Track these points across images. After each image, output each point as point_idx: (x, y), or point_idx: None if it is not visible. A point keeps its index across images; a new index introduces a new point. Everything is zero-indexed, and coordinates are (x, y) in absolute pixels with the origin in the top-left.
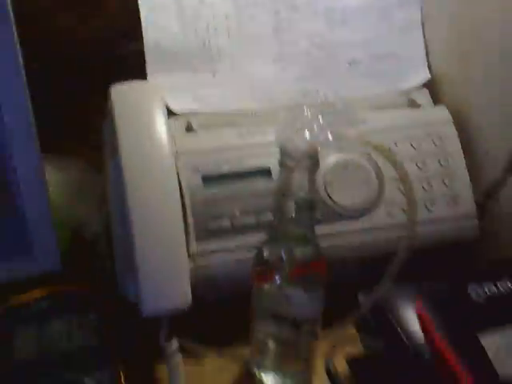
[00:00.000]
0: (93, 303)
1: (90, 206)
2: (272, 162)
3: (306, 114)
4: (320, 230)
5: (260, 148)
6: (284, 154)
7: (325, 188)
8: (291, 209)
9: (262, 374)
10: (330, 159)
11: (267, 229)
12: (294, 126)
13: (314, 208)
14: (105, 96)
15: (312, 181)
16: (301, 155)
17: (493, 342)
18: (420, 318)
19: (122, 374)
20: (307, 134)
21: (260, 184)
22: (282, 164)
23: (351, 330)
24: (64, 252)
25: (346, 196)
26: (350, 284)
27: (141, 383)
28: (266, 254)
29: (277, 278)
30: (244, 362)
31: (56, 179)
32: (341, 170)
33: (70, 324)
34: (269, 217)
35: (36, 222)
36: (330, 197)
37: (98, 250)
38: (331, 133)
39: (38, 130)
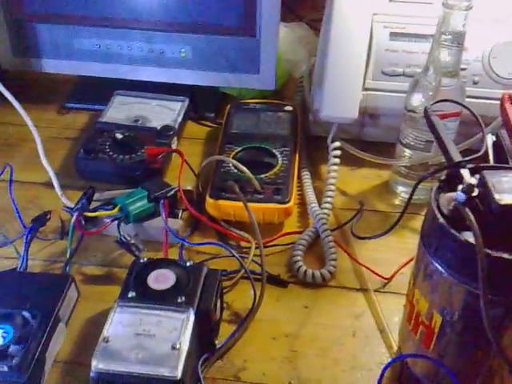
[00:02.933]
0: (288, 111)
1: (303, 56)
2: None
3: None
4: (475, 91)
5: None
6: None
7: (488, 60)
8: (444, 43)
9: (397, 186)
10: (501, 39)
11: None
12: None
13: (462, 43)
14: None
15: (466, 18)
16: None
17: None
18: None
19: (297, 152)
20: None
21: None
22: (444, 3)
23: None
24: (279, 85)
25: (505, 68)
26: None
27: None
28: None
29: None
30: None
31: (284, 33)
32: (506, 47)
33: (273, 118)
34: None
35: (266, 54)
36: (491, 67)
37: (303, 84)
38: None
39: None
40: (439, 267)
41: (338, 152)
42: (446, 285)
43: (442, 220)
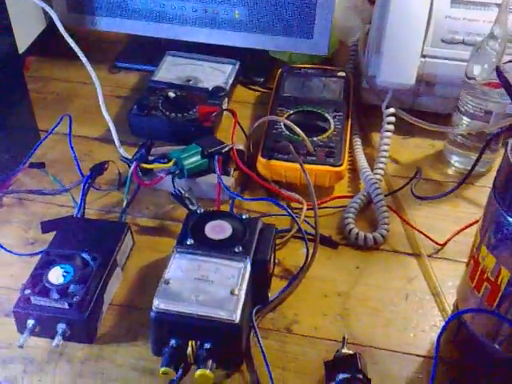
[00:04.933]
0: (340, 77)
1: (357, 23)
2: None
3: None
4: None
5: None
6: None
7: None
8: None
9: (452, 156)
10: None
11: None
12: None
13: None
14: None
15: None
16: None
17: None
18: None
19: (350, 118)
20: None
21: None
22: None
23: None
24: (330, 53)
25: None
26: None
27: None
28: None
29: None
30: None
31: (339, 1)
32: None
33: (324, 83)
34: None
35: (321, 18)
36: None
37: (357, 51)
38: None
39: None
40: None
41: (393, 118)
42: None
43: None
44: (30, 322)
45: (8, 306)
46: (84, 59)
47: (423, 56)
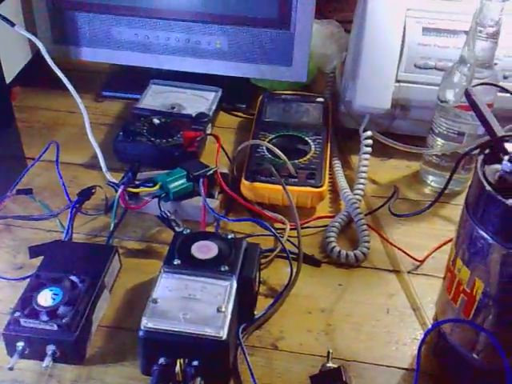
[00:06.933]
0: (320, 102)
1: (334, 51)
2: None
3: None
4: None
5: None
6: None
7: None
8: (479, 34)
9: (428, 176)
10: None
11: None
12: None
13: (498, 35)
14: None
15: (502, 10)
16: None
17: None
18: None
19: (329, 141)
20: None
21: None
22: None
23: None
24: (309, 80)
25: None
26: None
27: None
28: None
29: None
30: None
31: (316, 30)
32: None
33: (304, 109)
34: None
35: (299, 46)
36: None
37: (334, 77)
38: None
39: None
40: (484, 234)
41: (370, 141)
42: (490, 251)
43: (489, 187)
44: (20, 344)
45: None
46: (71, 88)
47: (398, 81)
